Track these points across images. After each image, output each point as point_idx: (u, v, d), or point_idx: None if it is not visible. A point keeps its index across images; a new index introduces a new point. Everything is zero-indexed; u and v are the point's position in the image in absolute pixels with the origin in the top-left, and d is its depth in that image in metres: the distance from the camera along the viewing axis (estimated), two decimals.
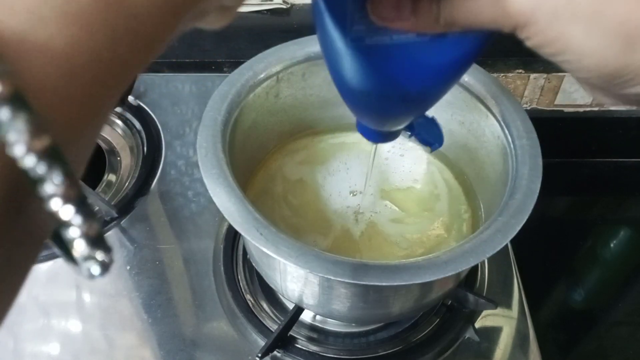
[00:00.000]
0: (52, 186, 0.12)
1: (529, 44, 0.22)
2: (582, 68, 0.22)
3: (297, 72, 0.50)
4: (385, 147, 0.55)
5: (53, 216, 0.12)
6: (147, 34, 0.14)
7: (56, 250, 0.13)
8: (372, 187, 0.52)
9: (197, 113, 0.68)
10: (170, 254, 0.56)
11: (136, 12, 0.14)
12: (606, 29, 0.21)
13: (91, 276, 0.13)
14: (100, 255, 0.13)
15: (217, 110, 0.44)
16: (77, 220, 0.12)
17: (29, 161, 0.11)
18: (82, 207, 0.12)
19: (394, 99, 0.28)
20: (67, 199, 0.12)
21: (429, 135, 0.40)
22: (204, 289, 0.54)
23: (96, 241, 0.13)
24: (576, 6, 0.21)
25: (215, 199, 0.38)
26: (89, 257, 0.13)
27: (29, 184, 0.12)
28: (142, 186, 0.61)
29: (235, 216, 0.38)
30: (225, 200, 0.38)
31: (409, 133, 0.39)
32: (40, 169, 0.12)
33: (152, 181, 0.62)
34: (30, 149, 0.11)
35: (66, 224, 0.12)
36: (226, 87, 0.46)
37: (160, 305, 0.52)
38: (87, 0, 0.13)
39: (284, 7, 0.74)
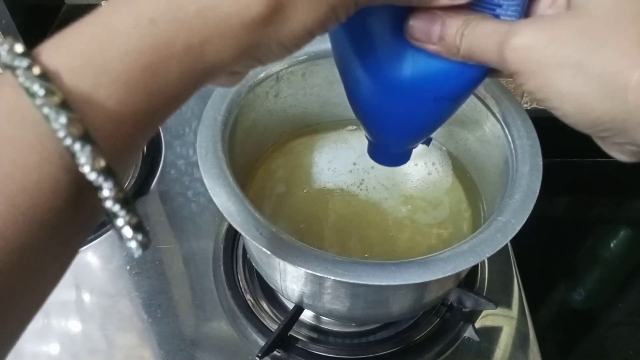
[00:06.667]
0: (107, 191, 0.18)
1: (523, 89, 0.25)
2: (567, 114, 0.24)
3: (297, 72, 0.50)
4: None
5: (107, 211, 0.18)
6: (173, 96, 0.21)
7: (115, 233, 0.19)
8: (374, 185, 0.52)
9: (197, 113, 0.68)
10: (170, 254, 0.56)
11: (167, 81, 0.20)
12: (587, 78, 0.23)
13: (135, 252, 0.19)
14: (139, 237, 0.19)
15: (217, 110, 0.44)
16: (122, 213, 0.18)
17: (92, 175, 0.18)
18: (127, 205, 0.18)
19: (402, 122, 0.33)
20: (116, 200, 0.18)
21: None
22: (204, 289, 0.54)
23: (136, 227, 0.19)
24: (560, 56, 0.23)
25: (215, 199, 0.38)
26: (132, 239, 0.19)
27: (92, 190, 0.18)
28: (142, 186, 0.61)
29: (235, 216, 0.38)
30: (225, 200, 0.38)
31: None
32: (99, 180, 0.18)
33: (152, 181, 0.62)
34: (93, 168, 0.18)
35: (116, 216, 0.18)
36: None
37: (160, 305, 0.52)
38: (133, 74, 0.19)
39: None
